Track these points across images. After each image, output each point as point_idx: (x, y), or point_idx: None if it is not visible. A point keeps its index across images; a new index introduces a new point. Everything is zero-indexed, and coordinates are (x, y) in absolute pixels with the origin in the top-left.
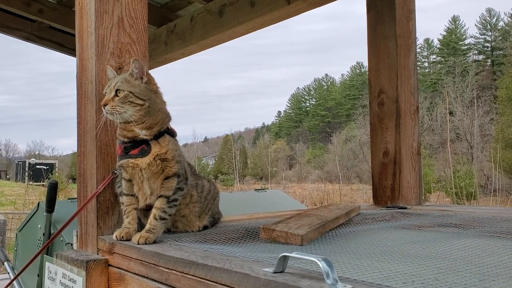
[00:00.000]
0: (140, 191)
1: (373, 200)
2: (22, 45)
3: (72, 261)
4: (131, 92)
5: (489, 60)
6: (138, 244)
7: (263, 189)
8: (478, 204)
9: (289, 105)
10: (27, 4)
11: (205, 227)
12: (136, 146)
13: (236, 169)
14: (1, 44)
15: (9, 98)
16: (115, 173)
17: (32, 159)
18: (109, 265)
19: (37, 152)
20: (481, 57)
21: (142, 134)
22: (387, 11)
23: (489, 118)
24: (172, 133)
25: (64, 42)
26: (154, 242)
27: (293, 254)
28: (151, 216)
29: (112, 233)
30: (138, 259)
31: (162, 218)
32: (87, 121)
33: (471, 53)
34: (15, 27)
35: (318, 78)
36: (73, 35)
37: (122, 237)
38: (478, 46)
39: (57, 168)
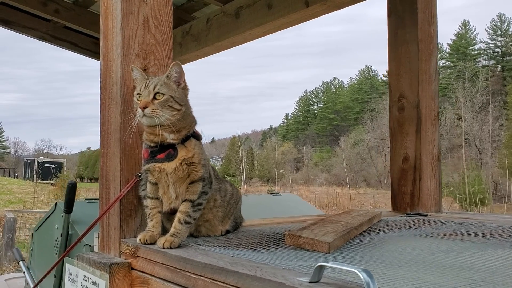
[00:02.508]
0: (165, 195)
1: (392, 207)
2: (34, 44)
3: (94, 263)
4: (171, 96)
5: (499, 66)
6: (163, 248)
7: (278, 193)
8: (492, 211)
9: (297, 108)
10: (44, 4)
11: (227, 232)
12: (163, 150)
13: (243, 170)
14: (13, 42)
15: (19, 97)
16: (139, 176)
17: (40, 157)
18: (132, 268)
19: (45, 151)
20: (491, 62)
21: (170, 138)
22: (409, 16)
23: (498, 124)
24: (197, 137)
25: (78, 42)
26: (179, 246)
27: (330, 264)
28: (176, 220)
29: (135, 236)
30: (164, 264)
31: (186, 222)
32: (111, 123)
33: (481, 58)
34: (30, 26)
35: (327, 81)
36: (87, 35)
37: (146, 240)
38: (488, 51)
39: (65, 167)
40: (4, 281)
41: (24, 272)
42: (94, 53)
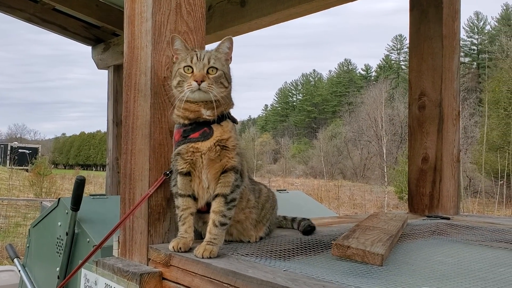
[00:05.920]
0: (200, 186)
1: (409, 208)
2: (11, 24)
3: (119, 271)
4: (223, 72)
5: (475, 63)
6: (203, 258)
7: (285, 190)
8: (467, 206)
9: (276, 99)
10: None
11: (261, 238)
12: (197, 129)
13: None
14: None
15: None
16: (168, 175)
17: (14, 142)
18: (163, 278)
19: (18, 135)
20: (467, 59)
21: (206, 114)
22: (433, 10)
23: (473, 121)
24: (234, 120)
25: (67, 26)
26: (218, 255)
27: None
28: (210, 223)
29: (163, 242)
30: (206, 276)
31: (222, 224)
32: (137, 116)
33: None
34: (17, 7)
35: (306, 73)
36: (77, 19)
37: (180, 248)
38: (465, 48)
39: (40, 153)
40: None
41: (19, 271)
42: (83, 37)
